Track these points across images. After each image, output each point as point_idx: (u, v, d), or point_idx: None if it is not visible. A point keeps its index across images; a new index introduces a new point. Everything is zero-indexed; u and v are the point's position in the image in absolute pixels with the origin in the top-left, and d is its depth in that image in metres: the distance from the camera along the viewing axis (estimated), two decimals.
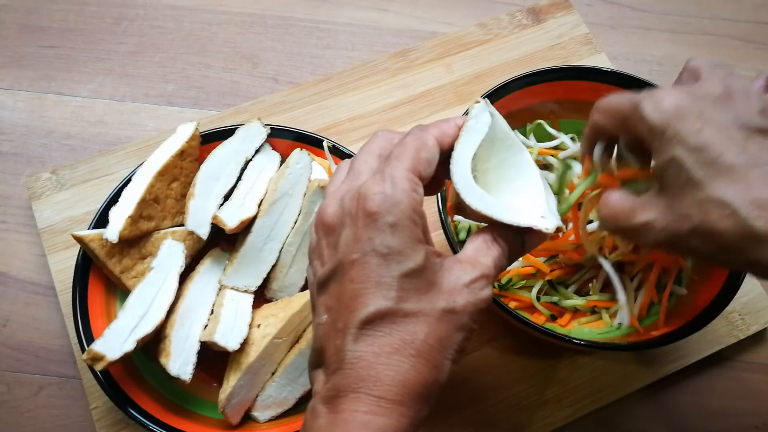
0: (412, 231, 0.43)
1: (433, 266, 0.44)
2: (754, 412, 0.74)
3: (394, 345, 0.42)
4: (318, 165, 0.74)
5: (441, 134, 0.47)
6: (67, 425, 0.71)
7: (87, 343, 0.66)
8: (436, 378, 0.43)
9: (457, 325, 0.43)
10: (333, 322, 0.43)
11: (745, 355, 0.76)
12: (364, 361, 0.42)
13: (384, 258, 0.42)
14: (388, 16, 0.95)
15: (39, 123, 0.86)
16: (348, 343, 0.42)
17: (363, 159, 0.47)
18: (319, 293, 0.46)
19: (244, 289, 0.70)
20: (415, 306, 0.42)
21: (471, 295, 0.44)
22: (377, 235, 0.42)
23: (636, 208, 0.48)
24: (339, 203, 0.45)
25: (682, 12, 0.97)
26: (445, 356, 0.43)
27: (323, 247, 0.46)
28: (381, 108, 0.86)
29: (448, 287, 0.44)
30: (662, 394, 0.74)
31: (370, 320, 0.42)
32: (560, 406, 0.71)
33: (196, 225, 0.69)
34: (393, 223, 0.42)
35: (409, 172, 0.44)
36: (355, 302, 0.42)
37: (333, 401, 0.42)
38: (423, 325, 0.42)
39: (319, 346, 0.45)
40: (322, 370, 0.44)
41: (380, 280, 0.42)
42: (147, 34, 0.93)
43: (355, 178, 0.46)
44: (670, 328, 0.63)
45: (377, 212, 0.42)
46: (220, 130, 0.76)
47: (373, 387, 0.41)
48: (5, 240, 0.79)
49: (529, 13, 0.93)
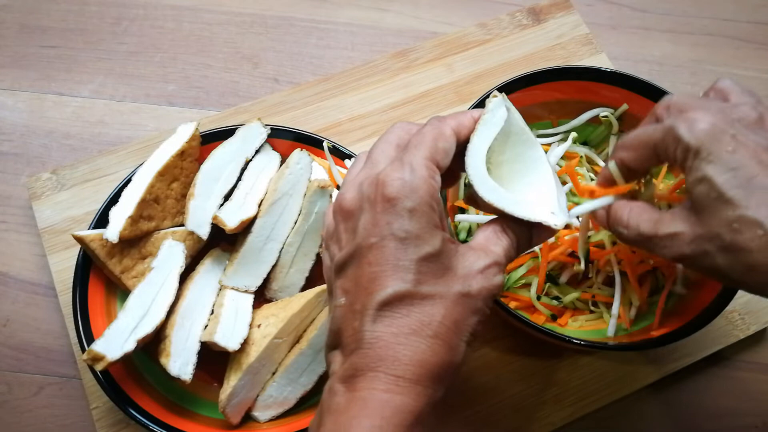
0: (430, 216, 0.44)
1: (449, 251, 0.45)
2: (754, 412, 0.74)
3: (412, 326, 0.43)
4: (318, 165, 0.74)
5: (458, 126, 0.48)
6: (67, 425, 0.71)
7: (87, 343, 0.67)
8: (452, 359, 0.44)
9: (472, 308, 0.45)
10: (351, 304, 0.44)
11: (745, 355, 0.76)
12: (382, 341, 0.43)
13: (402, 242, 0.43)
14: (388, 16, 0.95)
15: (39, 123, 0.86)
16: (366, 324, 0.43)
17: (381, 148, 0.49)
18: (336, 276, 0.46)
19: (245, 289, 0.70)
20: (432, 289, 0.44)
21: (485, 281, 0.45)
22: (396, 220, 0.43)
23: (662, 219, 0.50)
24: (357, 189, 0.47)
25: (682, 12, 0.97)
26: (461, 338, 0.44)
27: (341, 231, 0.47)
28: (381, 108, 0.86)
29: (463, 272, 0.45)
30: (662, 394, 0.74)
31: (388, 302, 0.43)
32: (560, 406, 0.72)
33: (196, 225, 0.69)
34: (411, 208, 0.44)
35: (427, 160, 0.46)
36: (373, 284, 0.43)
37: (351, 380, 0.43)
38: (440, 307, 0.43)
39: (336, 328, 0.45)
40: (338, 351, 0.45)
41: (398, 263, 0.43)
42: (147, 34, 0.93)
43: (373, 166, 0.47)
44: (670, 327, 0.63)
45: (396, 197, 0.44)
46: (220, 130, 0.76)
47: (391, 366, 0.42)
48: (5, 240, 0.79)
49: (529, 13, 0.93)
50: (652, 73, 0.92)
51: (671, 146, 0.48)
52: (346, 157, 0.76)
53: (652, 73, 0.92)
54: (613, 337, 0.67)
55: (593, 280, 0.70)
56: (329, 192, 0.71)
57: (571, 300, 0.69)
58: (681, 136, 0.47)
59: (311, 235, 0.72)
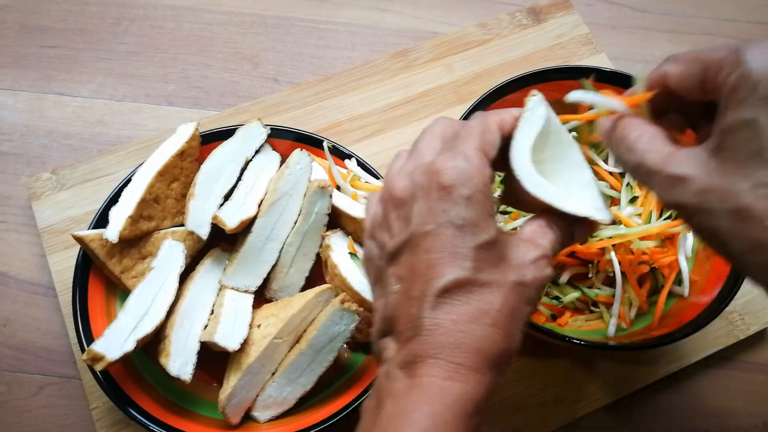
0: (485, 204, 0.44)
1: (503, 241, 0.46)
2: (754, 412, 0.74)
3: (472, 313, 0.43)
4: (318, 165, 0.74)
5: (501, 122, 0.49)
6: (67, 425, 0.71)
7: (87, 343, 0.66)
8: (509, 347, 0.44)
9: (525, 297, 0.45)
10: (406, 291, 0.44)
11: (745, 355, 0.76)
12: (442, 327, 0.43)
13: (459, 229, 0.43)
14: (388, 16, 0.95)
15: (39, 123, 0.86)
16: (425, 311, 0.43)
17: (426, 141, 0.49)
18: (389, 264, 0.46)
19: (244, 289, 0.70)
20: (489, 277, 0.44)
21: (537, 271, 0.46)
22: (452, 208, 0.44)
23: (674, 154, 0.43)
24: (408, 178, 0.47)
25: (682, 12, 0.97)
26: (517, 327, 0.45)
27: (392, 219, 0.47)
28: (381, 108, 0.86)
29: (517, 262, 0.45)
30: (662, 394, 0.74)
31: (448, 289, 0.43)
32: (560, 406, 0.71)
33: (196, 225, 0.69)
34: (468, 195, 0.44)
35: (479, 150, 0.46)
36: (431, 271, 0.43)
37: (410, 366, 0.43)
38: (497, 295, 0.44)
39: (390, 315, 0.46)
40: (392, 337, 0.45)
41: (456, 250, 0.43)
42: (147, 34, 0.93)
43: (420, 157, 0.47)
44: (670, 327, 0.64)
45: (452, 185, 0.44)
46: (220, 130, 0.76)
47: (452, 353, 0.42)
48: (5, 240, 0.79)
49: (529, 13, 0.93)
50: None
51: (727, 69, 0.40)
52: (346, 157, 0.76)
53: None
54: (613, 337, 0.67)
55: (593, 280, 0.70)
56: (329, 192, 0.71)
57: (571, 300, 0.69)
58: (746, 60, 0.39)
59: (311, 235, 0.72)
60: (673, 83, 0.45)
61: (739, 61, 0.39)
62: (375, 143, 0.84)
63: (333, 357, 0.66)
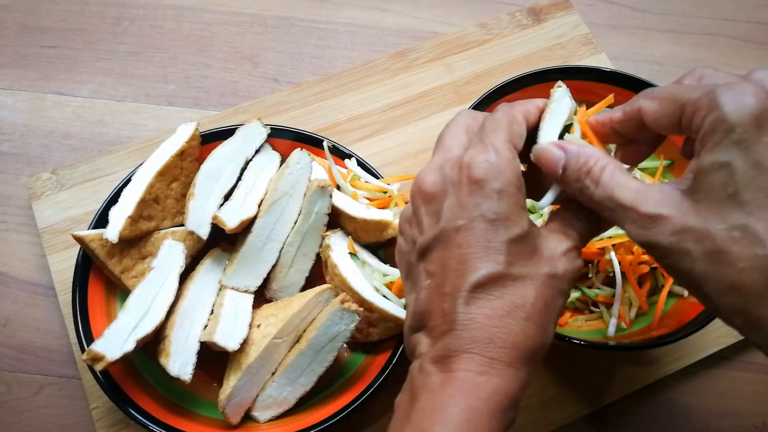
0: (517, 198, 0.44)
1: (535, 233, 0.45)
2: (754, 412, 0.74)
3: (506, 308, 0.43)
4: (318, 165, 0.74)
5: (526, 112, 0.49)
6: (67, 425, 0.71)
7: (87, 343, 0.66)
8: (543, 341, 0.44)
9: (558, 289, 0.45)
10: (438, 287, 0.44)
11: (745, 355, 0.76)
12: (476, 322, 0.43)
13: (492, 223, 0.43)
14: (388, 16, 0.95)
15: (39, 123, 0.86)
16: (459, 306, 0.43)
17: (452, 134, 0.49)
18: (419, 260, 0.46)
19: (244, 289, 0.70)
20: (522, 270, 0.44)
21: (569, 263, 0.46)
22: (484, 202, 0.43)
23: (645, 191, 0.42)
24: (438, 173, 0.46)
25: (682, 12, 0.97)
26: (551, 320, 0.45)
27: (422, 215, 0.47)
28: (381, 108, 0.86)
29: (549, 254, 0.45)
30: (662, 394, 0.74)
31: (481, 284, 0.43)
32: (560, 406, 0.71)
33: (196, 225, 0.69)
34: (500, 189, 0.44)
35: (508, 142, 0.46)
36: (464, 266, 0.43)
37: (444, 361, 0.43)
38: (531, 289, 0.44)
39: (422, 310, 0.45)
40: (424, 333, 0.45)
41: (489, 244, 0.43)
42: (147, 34, 0.93)
43: (448, 152, 0.47)
44: (669, 327, 0.64)
45: (484, 179, 0.44)
46: (220, 130, 0.76)
47: (486, 348, 0.42)
48: (5, 240, 0.79)
49: (529, 13, 0.93)
50: (652, 73, 0.92)
51: (702, 111, 0.40)
52: (346, 156, 0.76)
53: (652, 73, 0.92)
54: (613, 337, 0.67)
55: (593, 280, 0.70)
56: (329, 192, 0.71)
57: (571, 300, 0.69)
58: (721, 104, 0.39)
59: (311, 235, 0.72)
60: (648, 121, 0.45)
61: (713, 104, 0.39)
62: (375, 143, 0.84)
63: (333, 357, 0.66)
